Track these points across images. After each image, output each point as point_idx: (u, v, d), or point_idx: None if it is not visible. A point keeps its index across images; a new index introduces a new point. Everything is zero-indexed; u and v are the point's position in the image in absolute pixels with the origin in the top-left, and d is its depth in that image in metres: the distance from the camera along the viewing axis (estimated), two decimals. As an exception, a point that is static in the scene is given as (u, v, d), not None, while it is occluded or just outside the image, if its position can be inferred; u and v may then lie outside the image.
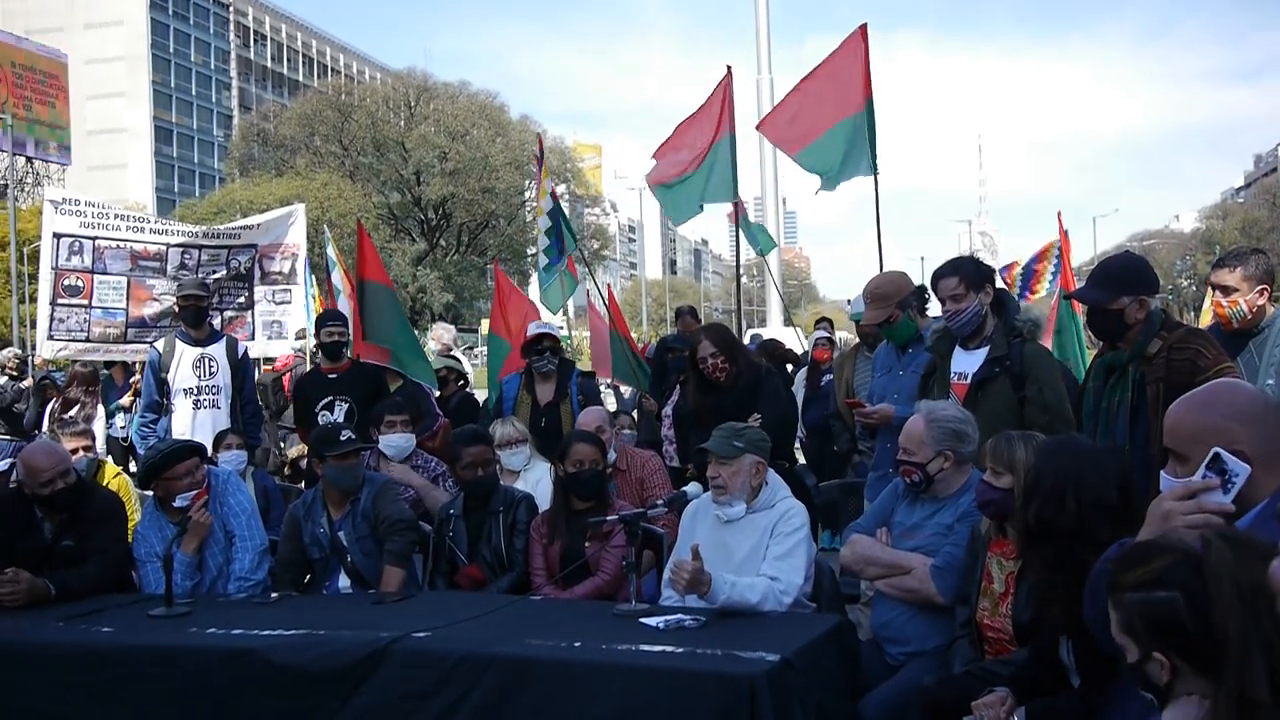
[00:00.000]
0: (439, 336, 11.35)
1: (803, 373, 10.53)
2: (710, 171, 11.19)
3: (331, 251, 13.74)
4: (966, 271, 5.21)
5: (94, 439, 8.22)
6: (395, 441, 6.53)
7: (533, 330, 7.50)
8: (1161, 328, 4.33)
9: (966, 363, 5.21)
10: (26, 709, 4.23)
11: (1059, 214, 11.44)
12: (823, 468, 9.06)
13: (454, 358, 10.47)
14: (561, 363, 7.38)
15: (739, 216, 11.80)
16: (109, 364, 11.69)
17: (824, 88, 10.31)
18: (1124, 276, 4.43)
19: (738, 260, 10.46)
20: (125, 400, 11.51)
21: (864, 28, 10.00)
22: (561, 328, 8.56)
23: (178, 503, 5.17)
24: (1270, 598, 1.41)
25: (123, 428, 11.52)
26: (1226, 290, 4.88)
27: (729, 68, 11.06)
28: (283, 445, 11.19)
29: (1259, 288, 4.85)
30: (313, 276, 10.84)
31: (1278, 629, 1.84)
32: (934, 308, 5.94)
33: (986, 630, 3.92)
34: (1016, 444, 3.87)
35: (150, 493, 5.54)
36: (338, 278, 13.37)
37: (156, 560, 5.09)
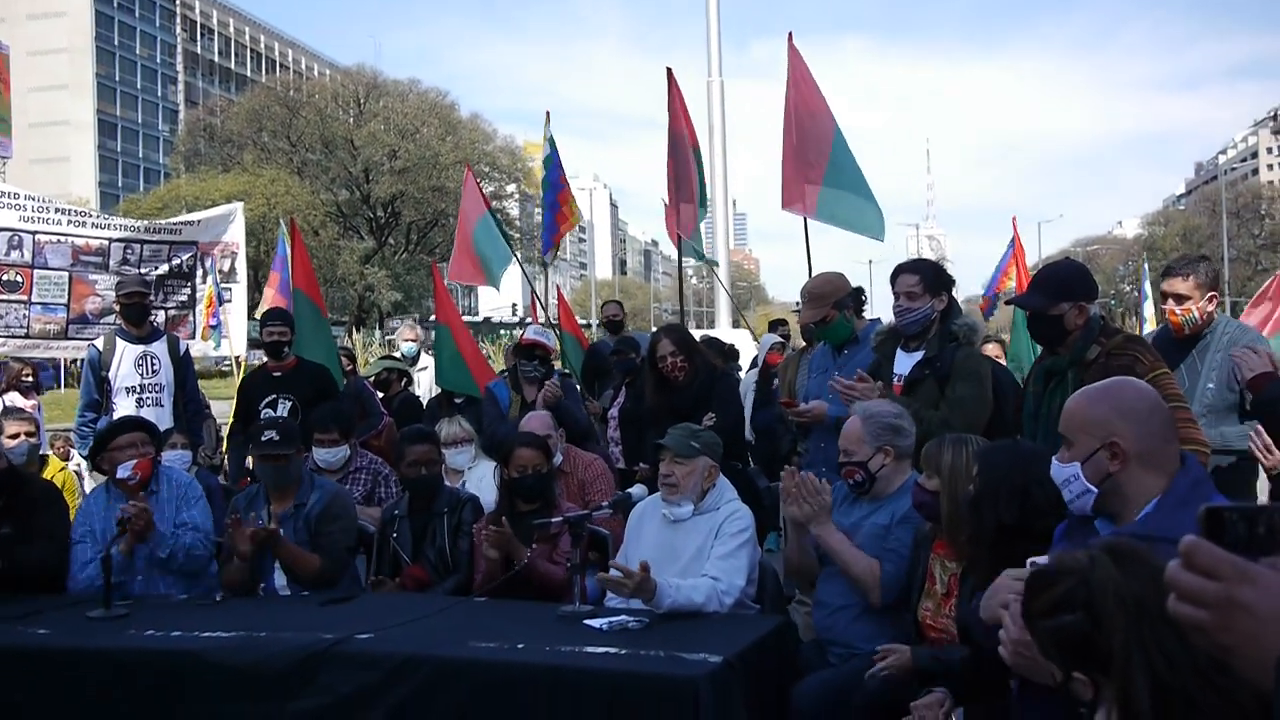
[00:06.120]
0: (417, 336, 11.42)
1: (753, 375, 10.55)
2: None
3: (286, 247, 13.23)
4: (927, 273, 5.29)
5: (39, 426, 8.12)
6: (324, 456, 6.43)
7: (529, 336, 7.90)
8: (1100, 333, 4.38)
9: (904, 364, 5.27)
10: (-41, 712, 4.16)
11: (1014, 220, 11.40)
12: (772, 470, 9.09)
13: (396, 358, 10.45)
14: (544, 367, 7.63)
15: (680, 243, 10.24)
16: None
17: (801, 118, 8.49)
18: (1063, 283, 4.49)
19: (680, 265, 10.35)
20: None
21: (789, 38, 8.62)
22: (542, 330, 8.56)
23: (120, 473, 5.15)
24: (1157, 608, 1.42)
25: None
26: (1180, 298, 4.99)
27: (669, 70, 9.79)
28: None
29: (1209, 294, 4.98)
30: (214, 277, 10.71)
31: (1160, 642, 1.87)
32: (870, 310, 6.01)
33: (929, 630, 3.95)
34: (946, 448, 3.90)
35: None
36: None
37: (91, 539, 5.14)
